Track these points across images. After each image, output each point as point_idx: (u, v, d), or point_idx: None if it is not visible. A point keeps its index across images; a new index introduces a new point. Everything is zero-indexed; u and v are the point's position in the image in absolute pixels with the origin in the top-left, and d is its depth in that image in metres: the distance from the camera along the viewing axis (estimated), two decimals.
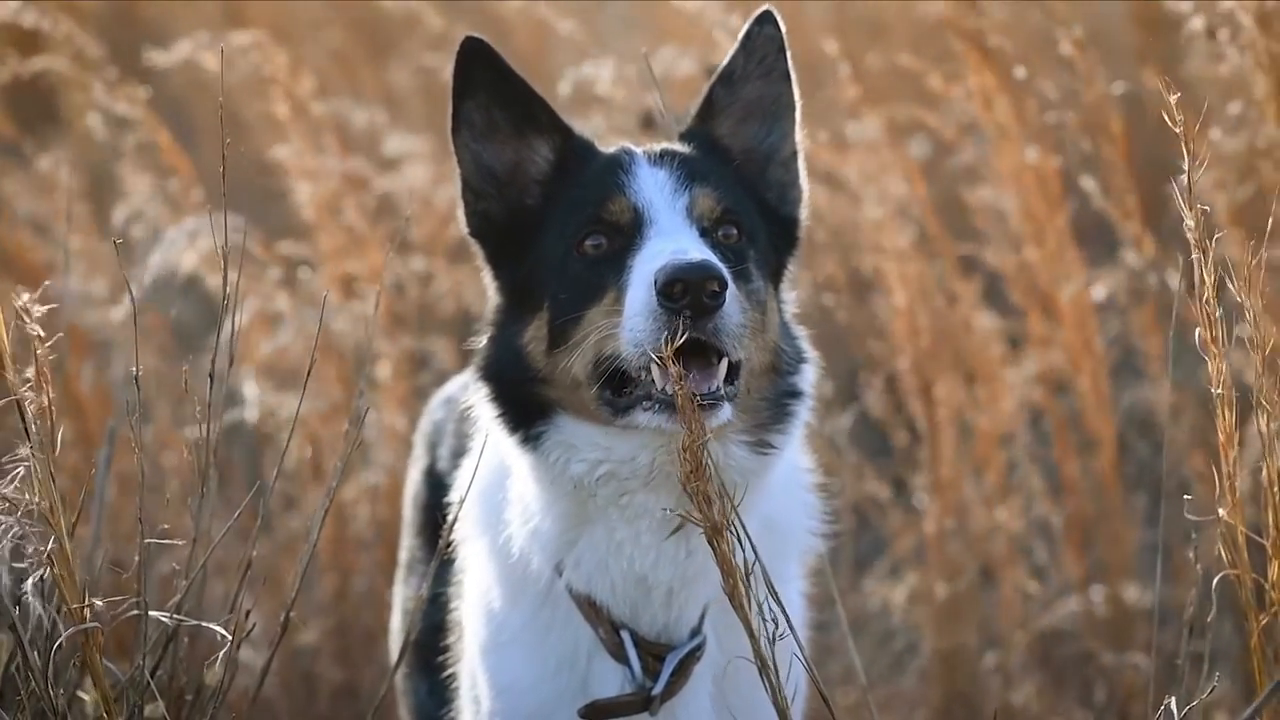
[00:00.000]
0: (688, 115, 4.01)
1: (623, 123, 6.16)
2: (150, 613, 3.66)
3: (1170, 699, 3.54)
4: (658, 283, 3.42)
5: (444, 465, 4.46)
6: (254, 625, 3.80)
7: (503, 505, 3.85)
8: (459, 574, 4.06)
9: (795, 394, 3.80)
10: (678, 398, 3.39)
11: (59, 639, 3.54)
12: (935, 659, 6.07)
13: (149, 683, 3.66)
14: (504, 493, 3.85)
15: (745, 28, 3.92)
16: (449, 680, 4.12)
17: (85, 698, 3.66)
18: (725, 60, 3.95)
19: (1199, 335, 3.51)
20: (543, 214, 3.84)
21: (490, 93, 3.85)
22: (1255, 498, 4.74)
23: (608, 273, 3.62)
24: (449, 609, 4.11)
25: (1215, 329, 3.48)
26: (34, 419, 3.48)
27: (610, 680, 3.79)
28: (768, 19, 3.90)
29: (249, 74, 6.69)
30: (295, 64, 6.54)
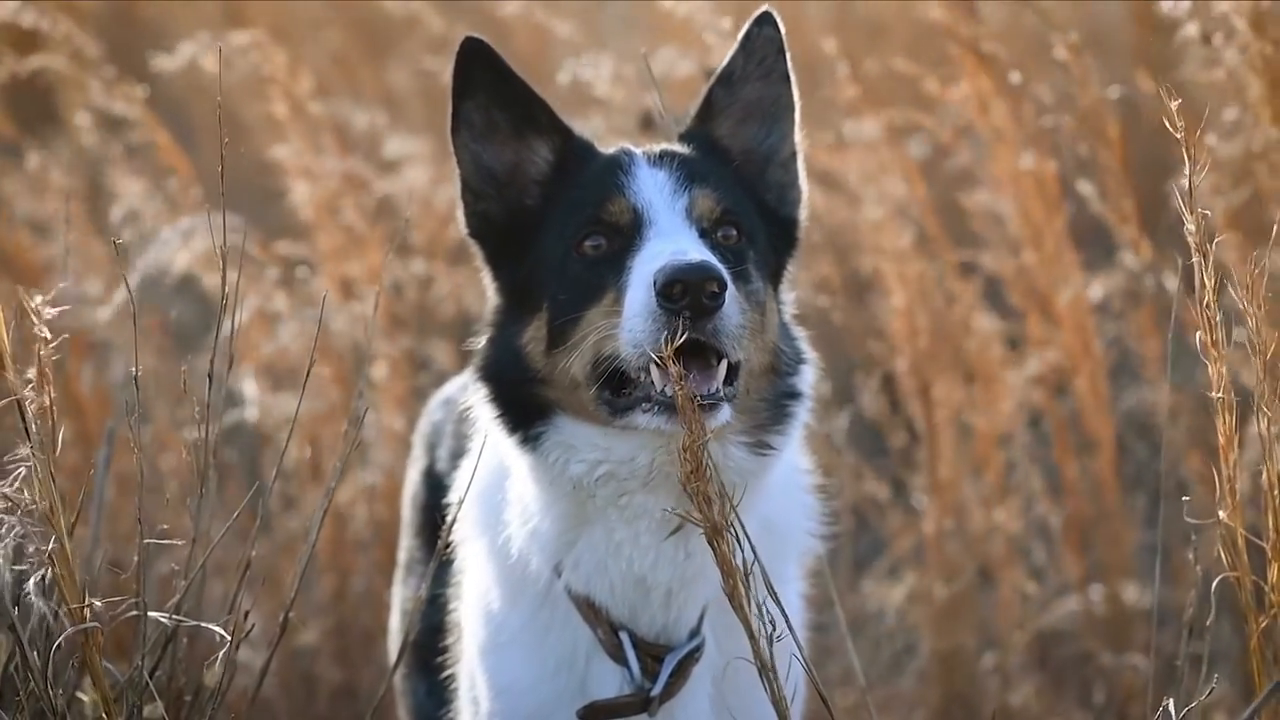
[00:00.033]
0: (687, 116, 4.01)
1: (622, 124, 6.16)
2: (149, 613, 3.66)
3: (1169, 700, 3.54)
4: (657, 283, 3.42)
5: (443, 466, 4.46)
6: (253, 626, 3.80)
7: (502, 506, 3.85)
8: (458, 575, 4.06)
9: (794, 395, 3.80)
10: (677, 399, 3.39)
11: (58, 639, 3.54)
12: (934, 660, 6.07)
13: (148, 683, 3.66)
14: (503, 493, 3.85)
15: (745, 29, 3.91)
16: (448, 681, 4.12)
17: (84, 698, 3.66)
18: (725, 61, 3.94)
19: (1199, 339, 3.51)
20: (542, 215, 3.84)
21: (490, 93, 3.84)
22: (1253, 499, 4.75)
23: (607, 273, 3.62)
24: (448, 610, 4.11)
25: (1215, 333, 3.48)
26: (34, 419, 3.48)
27: (609, 681, 3.79)
28: (767, 20, 3.90)
29: (248, 74, 6.69)
30: (294, 63, 6.53)
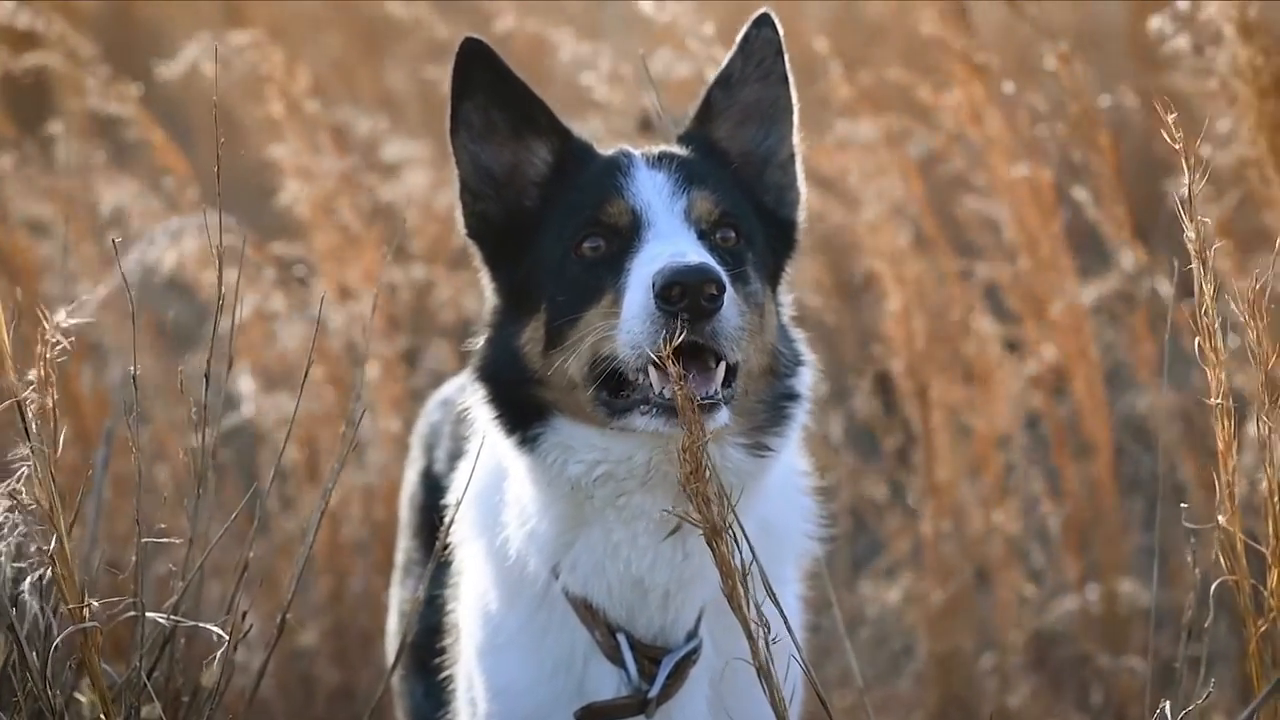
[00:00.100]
0: (685, 118, 4.01)
1: (620, 125, 6.16)
2: (147, 614, 3.66)
3: (1166, 703, 3.53)
4: (656, 285, 3.41)
5: (441, 467, 4.45)
6: (250, 627, 3.79)
7: (500, 507, 3.84)
8: (456, 576, 4.05)
9: (792, 396, 3.80)
10: (676, 400, 3.38)
11: (56, 639, 3.54)
12: (931, 661, 6.07)
13: (146, 684, 3.65)
14: (501, 495, 3.85)
15: (743, 30, 3.90)
16: (446, 682, 4.11)
17: (82, 699, 3.66)
18: (723, 63, 3.94)
19: (1197, 345, 3.51)
20: (541, 216, 3.83)
21: (489, 94, 3.84)
22: (1249, 501, 4.75)
23: (605, 275, 3.61)
24: (446, 611, 4.10)
25: (1213, 339, 3.48)
26: (34, 419, 3.47)
27: (606, 683, 3.79)
28: (765, 22, 3.89)
29: (246, 73, 6.68)
30: (291, 62, 6.52)
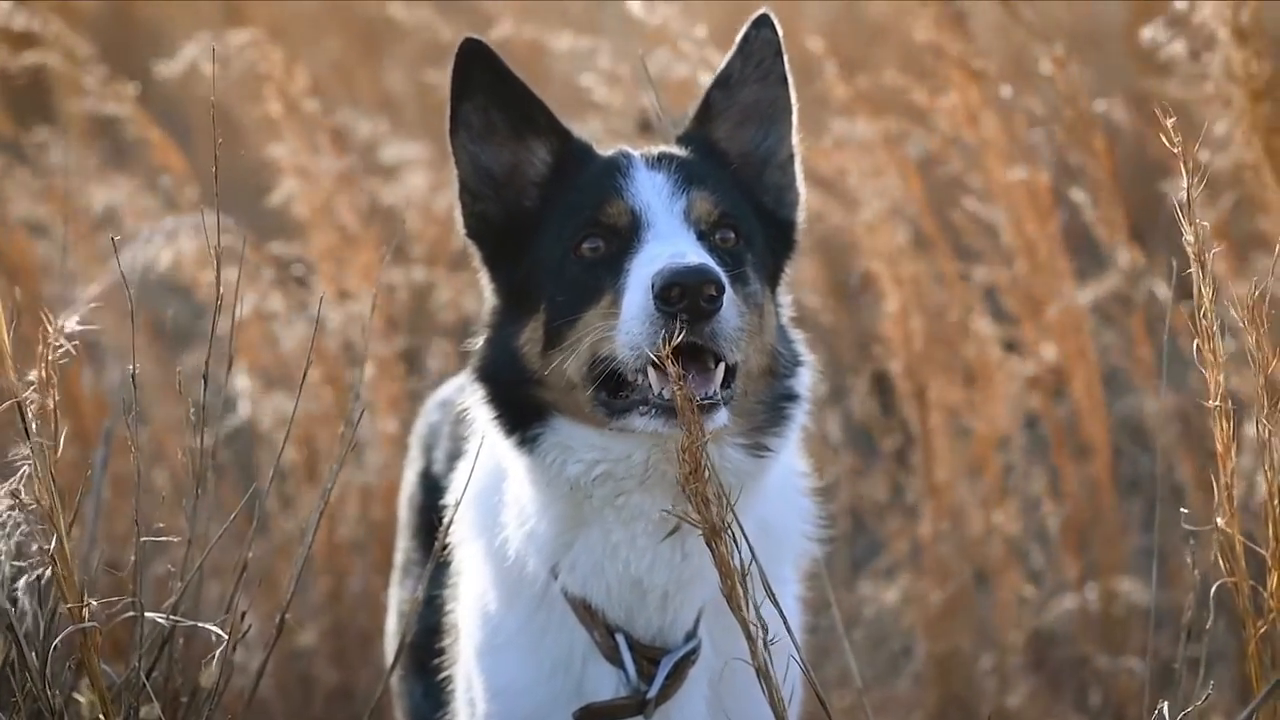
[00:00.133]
0: (685, 118, 4.01)
1: (619, 126, 6.15)
2: (146, 614, 3.66)
3: (1164, 703, 3.53)
4: (655, 286, 3.41)
5: (440, 468, 4.45)
6: (249, 627, 3.79)
7: (499, 508, 3.84)
8: (455, 576, 4.05)
9: (791, 397, 3.80)
10: (676, 401, 3.38)
11: (55, 639, 3.54)
12: (930, 662, 6.07)
13: (145, 684, 3.65)
14: (500, 495, 3.85)
15: (742, 31, 3.90)
16: (445, 682, 4.11)
17: (81, 699, 3.65)
18: (723, 64, 3.94)
19: (1196, 347, 3.51)
20: (540, 216, 3.83)
21: (489, 94, 3.83)
22: (1247, 502, 4.76)
23: (605, 275, 3.61)
24: (445, 611, 4.10)
25: (1212, 342, 3.49)
26: (34, 419, 3.47)
27: (605, 683, 3.79)
28: (765, 22, 3.89)
29: (244, 72, 6.67)
30: (290, 61, 6.51)
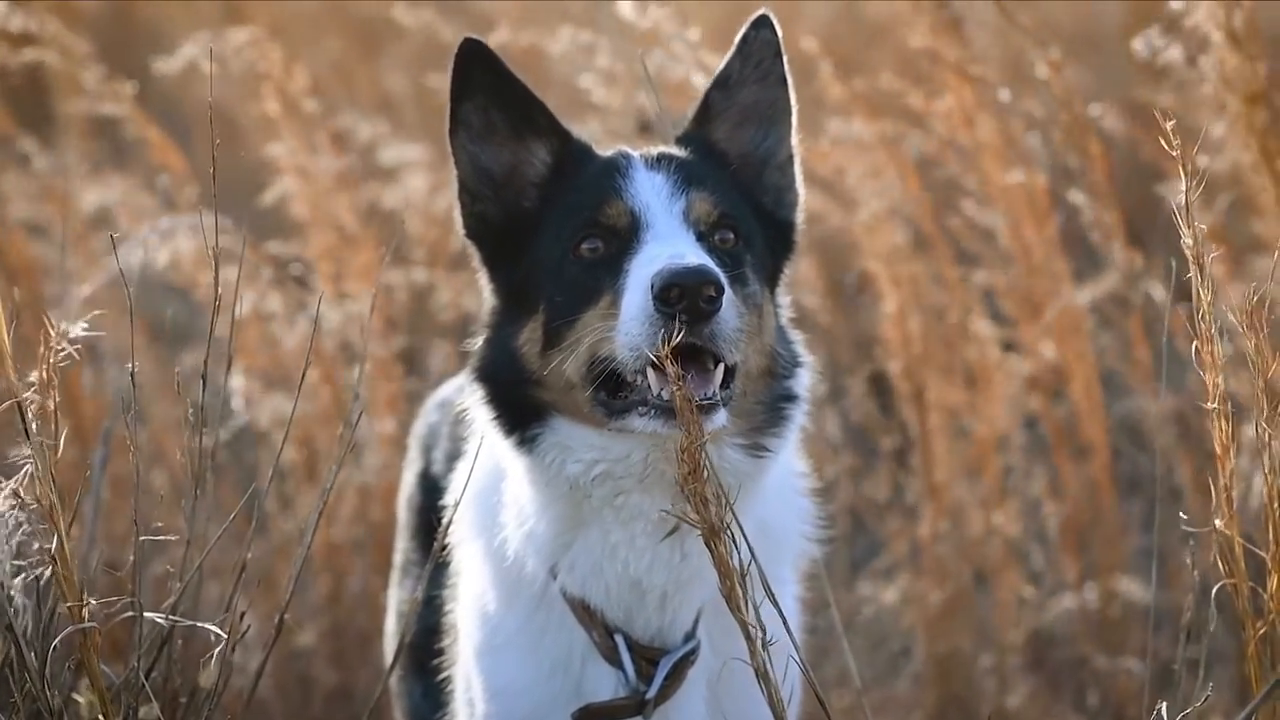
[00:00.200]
0: (684, 119, 4.01)
1: (619, 126, 6.15)
2: (145, 614, 3.66)
3: (1163, 704, 3.53)
4: (654, 287, 3.41)
5: (439, 468, 4.45)
6: (249, 627, 3.79)
7: (498, 508, 3.84)
8: (454, 577, 4.05)
9: (790, 398, 3.79)
10: (675, 401, 3.38)
11: (55, 640, 3.54)
12: (930, 662, 6.07)
13: (144, 684, 3.65)
14: (499, 495, 3.85)
15: (742, 31, 3.90)
16: (444, 683, 4.11)
17: (80, 699, 3.65)
18: (722, 64, 3.94)
19: (1194, 349, 3.52)
20: (540, 216, 3.83)
21: (488, 95, 3.83)
22: (1245, 503, 4.76)
23: (604, 276, 3.61)
24: (444, 612, 4.10)
25: (1211, 344, 3.49)
26: (34, 419, 3.47)
27: (604, 684, 3.79)
28: (764, 23, 3.88)
29: (244, 71, 6.67)
30: (290, 60, 6.51)
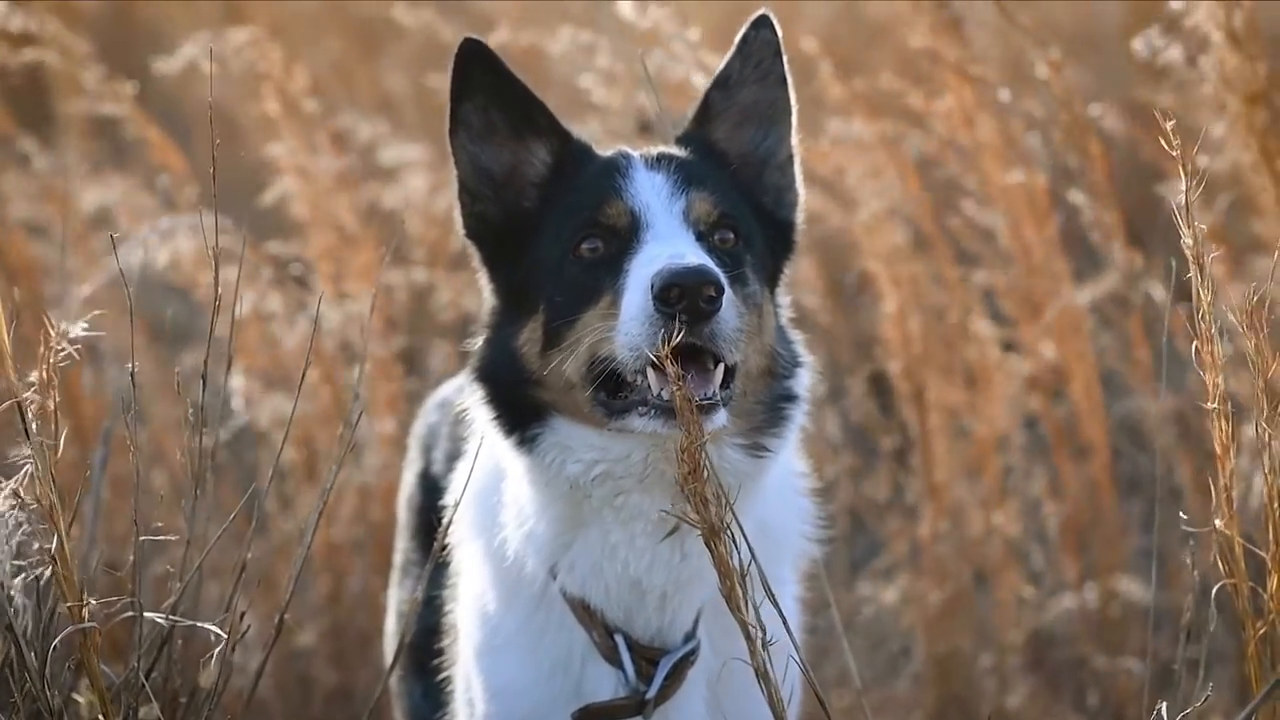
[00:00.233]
0: (683, 119, 4.01)
1: (618, 126, 6.15)
2: (145, 614, 3.65)
3: (1163, 704, 3.53)
4: (654, 287, 3.41)
5: (439, 468, 4.45)
6: (249, 627, 3.79)
7: (498, 508, 3.84)
8: (454, 577, 4.05)
9: (790, 398, 3.79)
10: (675, 401, 3.38)
11: (55, 640, 3.54)
12: (930, 662, 6.07)
13: (144, 684, 3.65)
14: (499, 496, 3.85)
15: (741, 31, 3.90)
16: (444, 683, 4.11)
17: (80, 699, 3.65)
18: (722, 64, 3.94)
19: (1194, 349, 3.52)
20: (539, 216, 3.83)
21: (488, 95, 3.83)
22: (1245, 503, 4.75)
23: (604, 276, 3.61)
24: (444, 612, 4.10)
25: (1211, 344, 3.49)
26: (34, 419, 3.47)
27: (604, 684, 3.79)
28: (764, 23, 3.88)
29: (244, 71, 6.67)
30: (290, 60, 6.50)
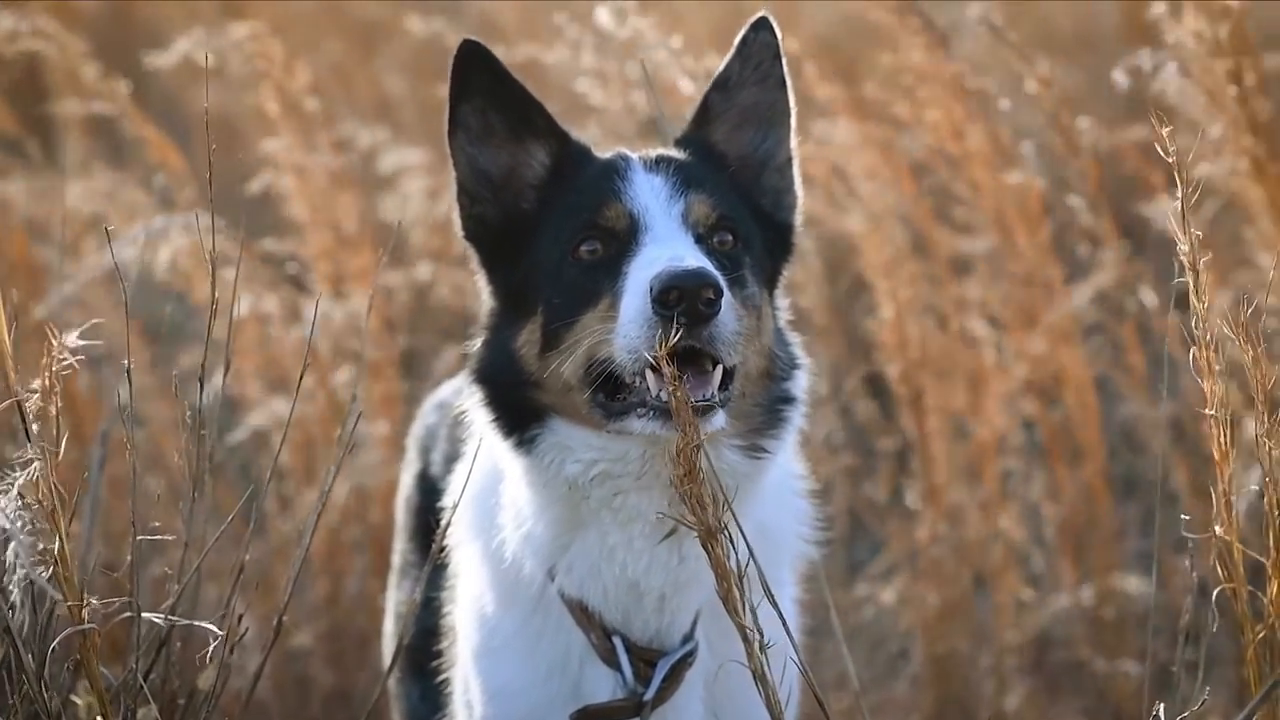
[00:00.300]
0: (683, 121, 4.01)
1: (617, 126, 6.15)
2: (143, 615, 3.65)
3: (1160, 706, 3.53)
4: (653, 290, 3.41)
5: (437, 470, 4.45)
6: (247, 629, 3.79)
7: (495, 510, 3.84)
8: (452, 578, 4.06)
9: (788, 399, 3.80)
10: (672, 403, 3.38)
11: (53, 641, 3.53)
12: (928, 664, 6.07)
13: (142, 686, 3.65)
14: (497, 497, 3.85)
15: (741, 34, 3.90)
16: (442, 685, 4.12)
17: (78, 701, 3.65)
18: (721, 66, 3.94)
19: (1192, 357, 3.52)
20: (538, 218, 3.83)
21: (487, 96, 3.83)
22: (1240, 508, 4.75)
23: (603, 278, 3.61)
24: (442, 613, 4.10)
25: (1207, 351, 3.49)
26: (34, 420, 3.47)
27: (602, 686, 3.79)
28: (763, 25, 3.88)
29: (243, 68, 6.66)
30: (290, 58, 6.50)
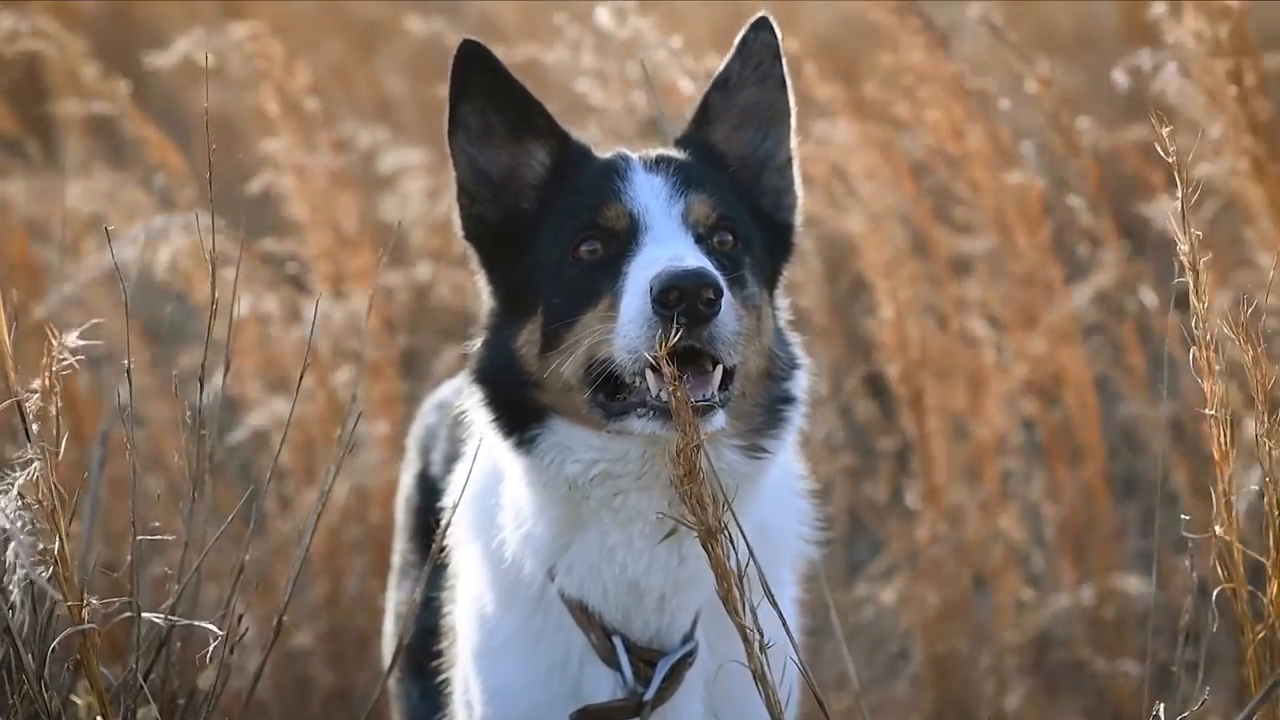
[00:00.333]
0: (683, 120, 4.01)
1: (617, 126, 6.15)
2: (143, 615, 3.65)
3: (1160, 706, 3.53)
4: (653, 290, 3.41)
5: (437, 470, 4.45)
6: (247, 629, 3.79)
7: (495, 510, 3.84)
8: (452, 578, 4.06)
9: (788, 399, 3.80)
10: (672, 403, 3.38)
11: (53, 642, 3.53)
12: (928, 664, 6.07)
13: (142, 686, 3.65)
14: (497, 497, 3.85)
15: (741, 34, 3.90)
16: (442, 685, 4.12)
17: (78, 701, 3.65)
18: (721, 66, 3.94)
19: (1192, 357, 3.52)
20: (538, 218, 3.83)
21: (487, 96, 3.83)
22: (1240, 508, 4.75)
23: (603, 278, 3.61)
24: (442, 613, 4.10)
25: (1208, 351, 3.49)
26: (34, 419, 3.47)
27: (602, 686, 3.79)
28: (764, 25, 3.88)
29: (243, 68, 6.66)
30: (290, 58, 6.50)
